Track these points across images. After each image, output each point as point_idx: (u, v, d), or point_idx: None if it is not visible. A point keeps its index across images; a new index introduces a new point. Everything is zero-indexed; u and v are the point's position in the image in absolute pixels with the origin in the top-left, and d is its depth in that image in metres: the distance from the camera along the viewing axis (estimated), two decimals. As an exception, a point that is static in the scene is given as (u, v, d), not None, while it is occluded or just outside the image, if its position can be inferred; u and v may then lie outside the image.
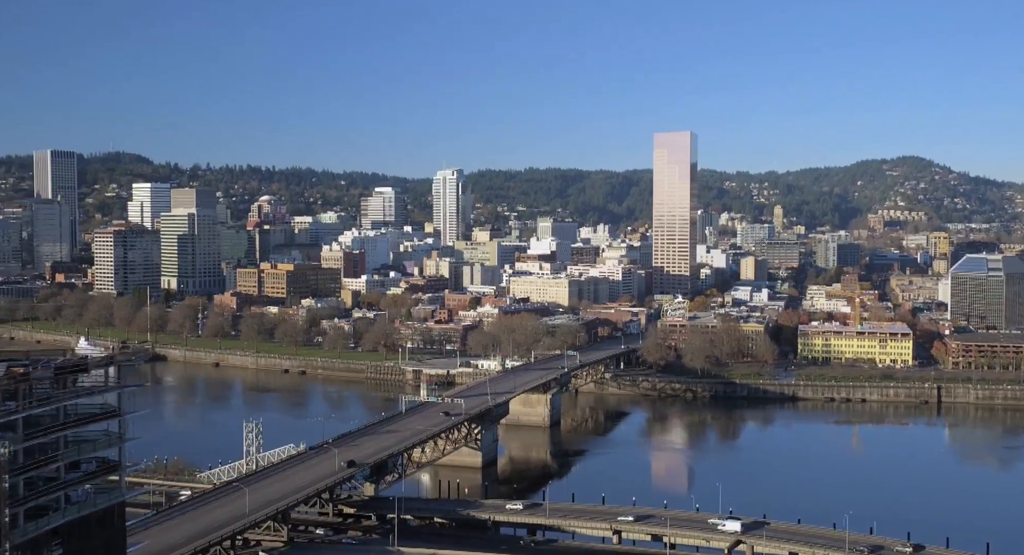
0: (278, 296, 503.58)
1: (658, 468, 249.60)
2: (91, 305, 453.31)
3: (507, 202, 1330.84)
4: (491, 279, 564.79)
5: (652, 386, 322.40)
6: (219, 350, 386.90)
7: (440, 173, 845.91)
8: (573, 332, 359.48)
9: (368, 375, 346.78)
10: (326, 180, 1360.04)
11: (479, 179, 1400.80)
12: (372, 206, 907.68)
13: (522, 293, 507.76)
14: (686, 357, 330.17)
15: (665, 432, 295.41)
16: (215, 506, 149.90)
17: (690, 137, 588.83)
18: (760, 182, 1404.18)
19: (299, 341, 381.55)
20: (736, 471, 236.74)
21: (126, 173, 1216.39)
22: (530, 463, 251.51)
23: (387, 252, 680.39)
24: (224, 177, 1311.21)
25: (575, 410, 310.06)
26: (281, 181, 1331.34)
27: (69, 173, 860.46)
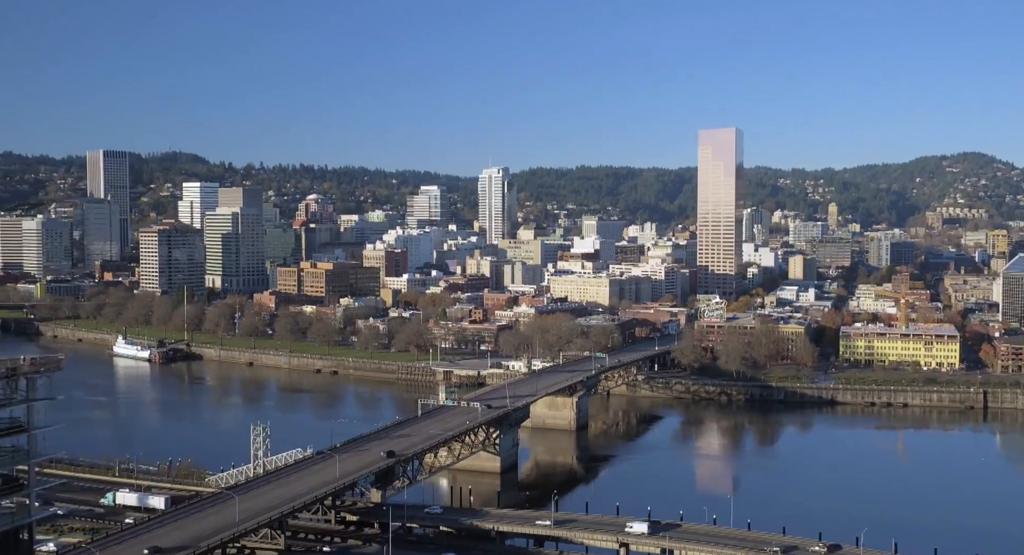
0: (317, 295, 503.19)
1: (685, 475, 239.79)
2: (131, 304, 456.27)
3: (557, 200, 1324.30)
4: (532, 278, 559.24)
5: (685, 389, 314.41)
6: (253, 349, 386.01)
7: (486, 171, 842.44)
8: (607, 333, 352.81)
9: (399, 376, 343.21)
10: (377, 179, 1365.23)
11: (530, 177, 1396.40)
12: (418, 205, 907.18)
13: (563, 293, 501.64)
14: (721, 359, 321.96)
15: (697, 437, 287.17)
16: (209, 513, 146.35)
17: (735, 134, 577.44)
18: (815, 179, 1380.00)
19: (331, 341, 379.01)
20: (768, 480, 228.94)
21: (180, 172, 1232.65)
22: (556, 468, 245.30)
23: (430, 251, 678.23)
24: (276, 176, 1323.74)
25: (606, 413, 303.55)
26: (332, 180, 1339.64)
27: (121, 173, 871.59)
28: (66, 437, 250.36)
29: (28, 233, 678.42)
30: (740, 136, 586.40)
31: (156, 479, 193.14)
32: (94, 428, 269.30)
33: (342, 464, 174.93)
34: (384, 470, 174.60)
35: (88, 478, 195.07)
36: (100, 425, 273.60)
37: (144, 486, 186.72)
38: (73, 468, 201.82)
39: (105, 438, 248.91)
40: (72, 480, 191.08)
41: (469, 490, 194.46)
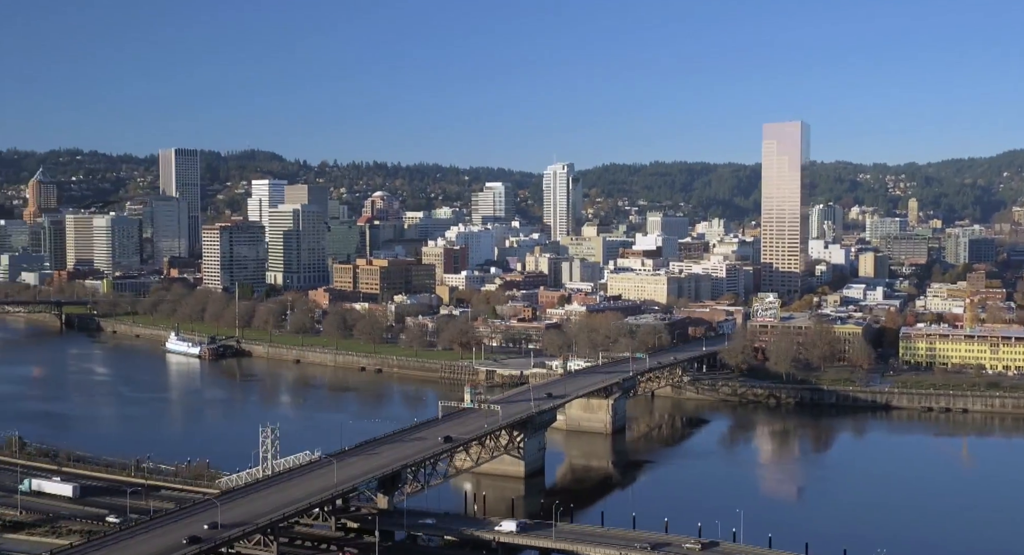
0: (372, 292, 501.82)
1: (722, 484, 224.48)
2: (185, 300, 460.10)
3: (628, 196, 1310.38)
4: (591, 275, 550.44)
5: (732, 391, 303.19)
6: (301, 347, 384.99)
7: (550, 167, 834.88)
8: (655, 332, 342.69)
9: (442, 374, 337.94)
10: (449, 175, 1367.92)
11: (602, 173, 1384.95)
12: (482, 201, 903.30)
13: (620, 291, 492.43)
14: (771, 360, 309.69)
15: (743, 442, 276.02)
16: (194, 520, 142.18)
17: (800, 128, 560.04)
18: (896, 174, 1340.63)
19: (377, 338, 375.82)
20: (821, 490, 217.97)
21: (256, 170, 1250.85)
22: (590, 472, 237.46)
23: (491, 248, 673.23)
24: (349, 173, 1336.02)
25: (649, 416, 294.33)
26: (405, 177, 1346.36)
27: (192, 170, 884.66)
28: (98, 434, 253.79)
29: (98, 230, 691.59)
30: (806, 130, 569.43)
31: (166, 479, 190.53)
32: (128, 425, 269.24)
33: (349, 468, 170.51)
34: (390, 475, 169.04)
35: (105, 478, 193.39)
36: (135, 422, 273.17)
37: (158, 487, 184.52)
38: (90, 467, 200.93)
39: (135, 436, 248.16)
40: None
41: (483, 497, 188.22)
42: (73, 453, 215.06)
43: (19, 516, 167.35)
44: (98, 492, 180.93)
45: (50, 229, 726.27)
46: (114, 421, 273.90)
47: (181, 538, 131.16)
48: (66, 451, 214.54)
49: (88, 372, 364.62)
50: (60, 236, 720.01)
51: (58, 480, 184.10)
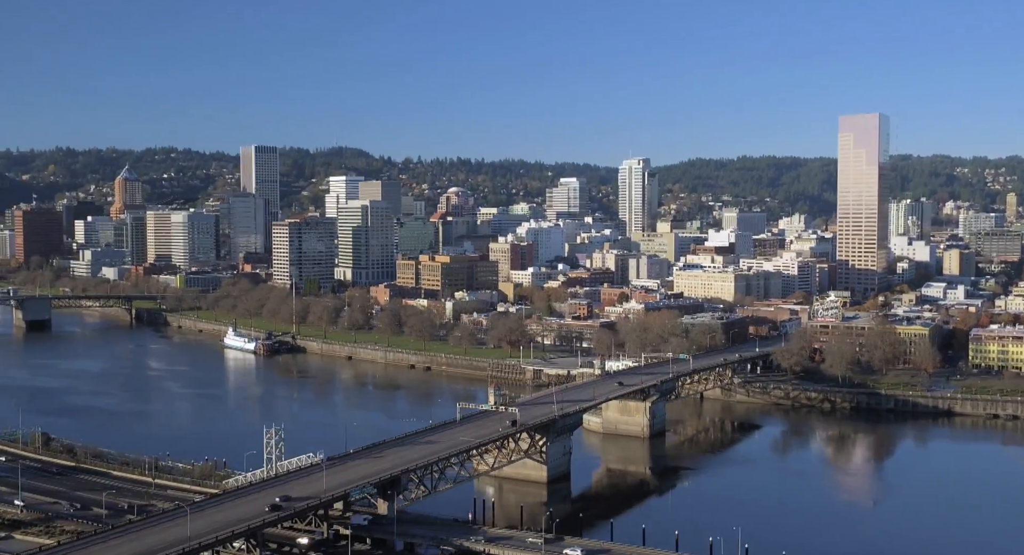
0: (433, 288, 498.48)
1: (766, 495, 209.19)
2: (245, 295, 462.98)
3: (713, 192, 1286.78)
4: (658, 273, 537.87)
5: (785, 394, 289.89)
6: (354, 343, 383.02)
7: (626, 162, 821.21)
8: (709, 332, 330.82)
9: (490, 373, 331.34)
10: (533, 171, 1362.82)
11: (687, 169, 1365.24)
12: (557, 197, 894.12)
13: (687, 288, 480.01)
14: (826, 362, 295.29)
15: (792, 449, 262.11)
16: (167, 526, 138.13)
17: (879, 119, 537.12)
18: (997, 168, 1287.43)
19: (427, 336, 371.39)
20: (865, 504, 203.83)
21: (340, 167, 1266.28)
22: (623, 479, 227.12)
23: (561, 244, 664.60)
24: (432, 169, 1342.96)
25: (697, 419, 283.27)
26: (488, 173, 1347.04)
27: (272, 168, 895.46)
28: (132, 430, 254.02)
29: (176, 226, 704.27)
30: (885, 122, 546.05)
31: (176, 479, 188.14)
32: (165, 421, 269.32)
33: (347, 472, 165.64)
34: (387, 481, 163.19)
35: (119, 476, 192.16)
36: (173, 418, 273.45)
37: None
38: (107, 464, 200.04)
39: (167, 432, 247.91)
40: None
41: (492, 504, 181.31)
42: (96, 449, 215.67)
43: (20, 515, 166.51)
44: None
45: (132, 225, 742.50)
46: (153, 417, 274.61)
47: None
48: (88, 447, 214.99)
49: (143, 367, 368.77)
50: (141, 232, 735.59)
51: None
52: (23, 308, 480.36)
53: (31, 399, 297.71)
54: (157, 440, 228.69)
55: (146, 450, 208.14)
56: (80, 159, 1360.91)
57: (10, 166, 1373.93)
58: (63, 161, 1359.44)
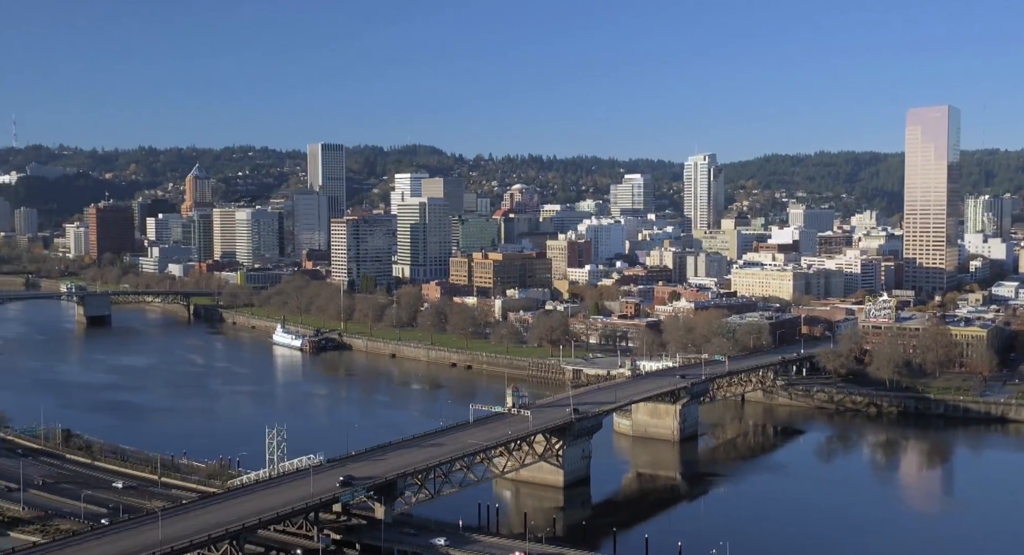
0: (485, 286, 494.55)
1: (801, 506, 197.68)
2: (302, 292, 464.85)
3: (787, 188, 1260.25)
4: (717, 271, 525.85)
5: (829, 398, 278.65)
6: (398, 341, 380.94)
7: (691, 158, 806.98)
8: (755, 332, 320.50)
9: (529, 373, 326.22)
10: (605, 167, 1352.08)
11: (762, 164, 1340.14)
12: (621, 193, 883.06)
13: (745, 286, 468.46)
14: (872, 365, 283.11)
15: (833, 456, 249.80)
16: (141, 530, 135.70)
17: (948, 112, 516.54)
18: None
19: (469, 334, 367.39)
20: (912, 519, 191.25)
21: (411, 164, 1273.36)
22: (649, 484, 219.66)
23: (622, 241, 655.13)
24: (502, 166, 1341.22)
25: (735, 422, 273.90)
26: (558, 170, 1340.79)
27: (338, 165, 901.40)
28: (158, 427, 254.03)
29: (240, 223, 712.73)
30: (955, 115, 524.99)
31: (185, 478, 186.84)
32: (194, 418, 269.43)
33: (342, 475, 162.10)
34: (383, 485, 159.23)
35: (129, 474, 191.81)
36: (203, 415, 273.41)
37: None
38: (121, 462, 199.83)
39: (192, 430, 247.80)
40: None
41: (496, 509, 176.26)
42: (116, 446, 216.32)
43: (21, 513, 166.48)
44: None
45: (199, 223, 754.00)
46: (183, 414, 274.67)
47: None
48: (108, 445, 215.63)
49: (189, 363, 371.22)
50: (208, 230, 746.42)
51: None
52: (84, 304, 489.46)
53: (70, 394, 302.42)
54: (179, 437, 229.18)
55: (166, 448, 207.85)
56: (161, 158, 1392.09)
57: (95, 165, 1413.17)
58: (144, 160, 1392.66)
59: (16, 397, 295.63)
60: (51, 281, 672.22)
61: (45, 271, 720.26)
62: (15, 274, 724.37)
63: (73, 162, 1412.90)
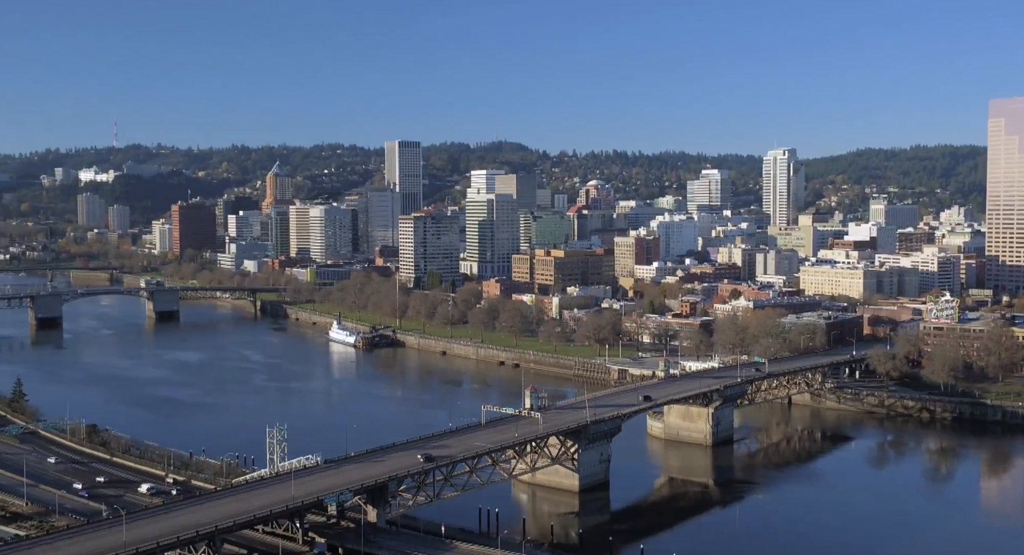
0: (547, 283, 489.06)
1: (841, 522, 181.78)
2: (352, 288, 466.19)
3: (878, 182, 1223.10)
4: (787, 268, 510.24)
5: (879, 402, 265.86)
6: (450, 338, 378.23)
7: (771, 153, 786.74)
8: (808, 332, 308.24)
9: (575, 372, 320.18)
10: (692, 163, 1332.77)
11: (854, 159, 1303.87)
12: (698, 189, 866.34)
13: (813, 285, 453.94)
14: (927, 368, 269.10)
15: (881, 465, 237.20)
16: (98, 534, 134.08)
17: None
18: None
19: (518, 331, 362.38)
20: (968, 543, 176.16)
21: (495, 161, 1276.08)
22: (676, 490, 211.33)
23: (694, 238, 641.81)
24: (586, 162, 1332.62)
25: (780, 426, 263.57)
26: (643, 165, 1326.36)
27: (414, 161, 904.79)
28: (187, 423, 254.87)
29: (314, 220, 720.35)
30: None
31: (194, 476, 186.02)
32: (227, 415, 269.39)
33: (334, 477, 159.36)
34: (371, 488, 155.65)
35: (143, 470, 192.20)
36: (238, 412, 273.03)
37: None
38: (136, 458, 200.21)
39: (221, 427, 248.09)
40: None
41: (497, 514, 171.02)
42: (138, 442, 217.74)
43: (24, 508, 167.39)
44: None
45: (276, 220, 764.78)
46: (218, 410, 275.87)
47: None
48: (130, 441, 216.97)
49: (242, 359, 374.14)
50: (284, 227, 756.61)
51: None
52: (154, 299, 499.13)
53: (117, 388, 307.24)
54: (206, 433, 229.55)
55: (190, 444, 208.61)
56: (252, 156, 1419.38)
57: (189, 164, 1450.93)
58: (236, 158, 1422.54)
59: (64, 391, 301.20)
60: (133, 277, 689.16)
61: (129, 267, 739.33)
62: (102, 270, 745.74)
63: (169, 161, 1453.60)
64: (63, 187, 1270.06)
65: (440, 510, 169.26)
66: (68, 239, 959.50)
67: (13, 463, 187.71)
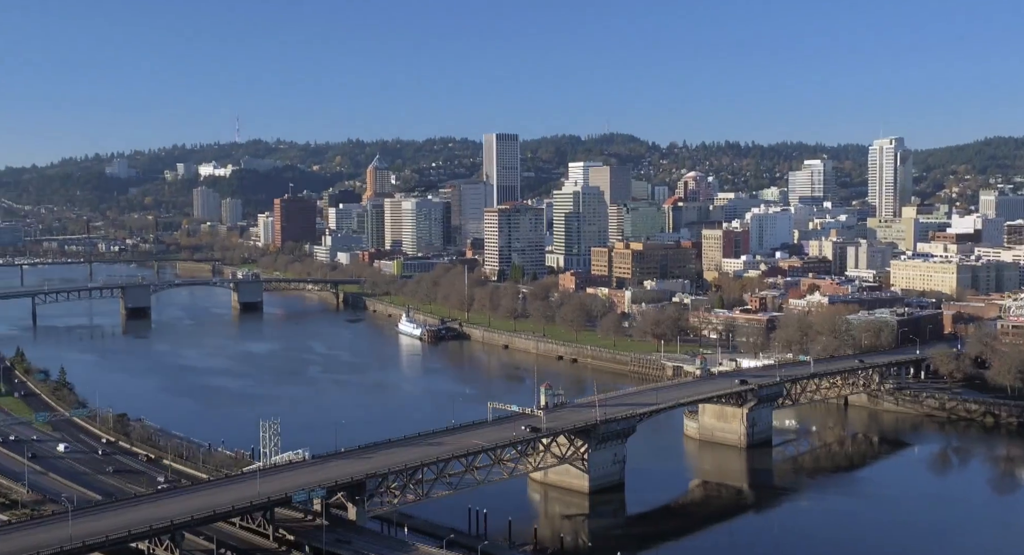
0: (624, 276, 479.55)
1: (863, 536, 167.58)
2: (424, 281, 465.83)
3: (1005, 173, 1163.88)
4: (881, 262, 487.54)
5: (940, 405, 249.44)
6: (513, 332, 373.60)
7: (877, 142, 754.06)
8: (875, 330, 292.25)
9: (631, 368, 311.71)
10: (807, 153, 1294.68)
11: (981, 148, 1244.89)
12: (799, 180, 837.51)
13: (905, 279, 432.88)
14: (993, 369, 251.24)
15: (935, 474, 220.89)
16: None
17: None
18: None
19: (579, 325, 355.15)
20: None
21: (602, 153, 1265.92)
22: (709, 494, 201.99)
23: (790, 230, 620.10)
24: (696, 153, 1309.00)
25: (830, 429, 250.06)
26: (755, 156, 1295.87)
27: (511, 154, 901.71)
28: (220, 415, 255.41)
29: (406, 213, 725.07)
30: None
31: (203, 468, 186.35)
32: (268, 406, 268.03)
33: (313, 474, 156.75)
34: (346, 485, 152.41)
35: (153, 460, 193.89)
36: (281, 403, 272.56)
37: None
38: (151, 448, 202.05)
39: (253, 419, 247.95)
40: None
41: (485, 515, 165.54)
42: (165, 431, 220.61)
43: (25, 495, 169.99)
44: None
45: (371, 213, 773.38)
46: (259, 401, 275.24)
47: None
48: (158, 431, 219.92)
49: (306, 350, 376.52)
50: (380, 219, 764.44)
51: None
52: (238, 291, 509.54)
53: (174, 378, 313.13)
54: (234, 425, 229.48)
55: (213, 435, 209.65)
56: (366, 150, 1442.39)
57: (305, 158, 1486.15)
58: (350, 153, 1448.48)
59: (124, 379, 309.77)
60: (231, 268, 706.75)
61: (230, 259, 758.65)
62: (205, 261, 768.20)
63: (287, 155, 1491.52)
64: (184, 181, 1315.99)
65: (444, 509, 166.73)
66: (182, 232, 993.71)
67: (33, 450, 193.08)
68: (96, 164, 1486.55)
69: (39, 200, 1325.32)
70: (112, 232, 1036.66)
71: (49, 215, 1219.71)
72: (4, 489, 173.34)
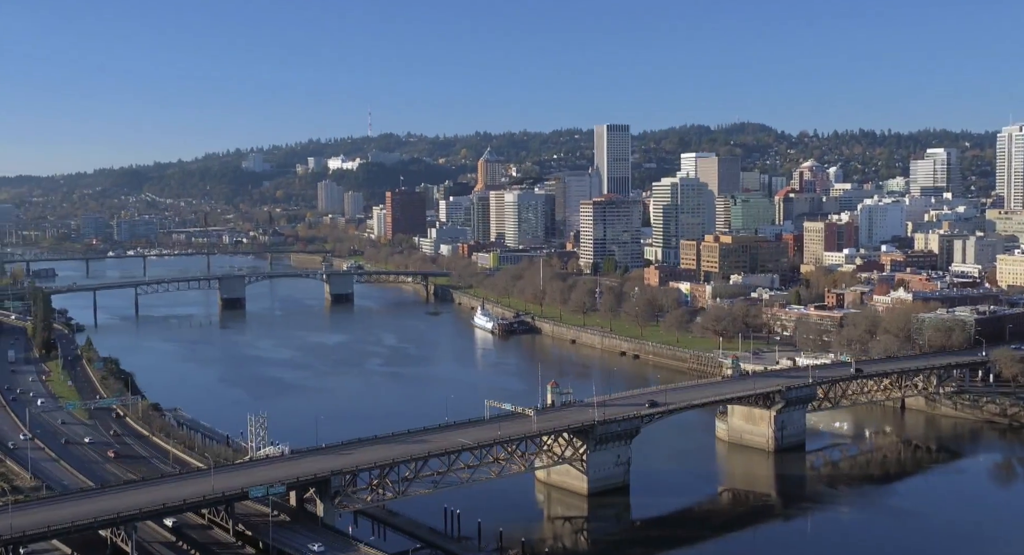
0: (712, 270, 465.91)
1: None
2: (503, 274, 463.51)
3: None
4: (991, 257, 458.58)
5: (1001, 410, 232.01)
6: (580, 326, 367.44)
7: (1006, 129, 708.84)
8: (948, 329, 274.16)
9: (689, 365, 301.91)
10: (950, 141, 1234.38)
11: None
12: (921, 170, 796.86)
13: (1011, 276, 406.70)
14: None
15: (990, 484, 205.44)
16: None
17: None
18: None
19: (642, 321, 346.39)
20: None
21: (727, 143, 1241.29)
22: (724, 500, 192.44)
23: (902, 222, 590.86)
24: (825, 143, 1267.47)
25: (882, 434, 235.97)
26: (891, 145, 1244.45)
27: (623, 145, 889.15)
28: (263, 406, 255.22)
29: (508, 205, 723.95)
30: None
31: (200, 458, 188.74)
32: (309, 399, 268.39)
33: (285, 469, 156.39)
34: (312, 481, 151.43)
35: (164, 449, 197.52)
36: (322, 396, 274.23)
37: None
38: (167, 438, 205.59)
39: (292, 411, 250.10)
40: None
41: (457, 515, 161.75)
42: (195, 422, 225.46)
43: (29, 481, 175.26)
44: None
45: (476, 205, 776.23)
46: (308, 393, 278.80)
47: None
48: (183, 419, 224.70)
49: (374, 343, 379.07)
50: (485, 211, 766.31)
51: None
52: (329, 282, 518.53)
53: (236, 368, 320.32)
54: (270, 417, 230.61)
55: (238, 427, 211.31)
56: (492, 142, 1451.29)
57: (433, 151, 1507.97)
58: (477, 145, 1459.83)
59: (184, 369, 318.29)
60: (341, 260, 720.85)
61: (340, 251, 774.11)
62: (318, 253, 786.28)
63: (416, 149, 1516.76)
64: (313, 174, 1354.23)
65: (437, 507, 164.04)
66: (304, 224, 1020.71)
67: (48, 435, 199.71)
68: (235, 158, 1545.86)
69: (180, 194, 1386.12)
70: (240, 224, 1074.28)
71: (187, 208, 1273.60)
72: (13, 474, 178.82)
